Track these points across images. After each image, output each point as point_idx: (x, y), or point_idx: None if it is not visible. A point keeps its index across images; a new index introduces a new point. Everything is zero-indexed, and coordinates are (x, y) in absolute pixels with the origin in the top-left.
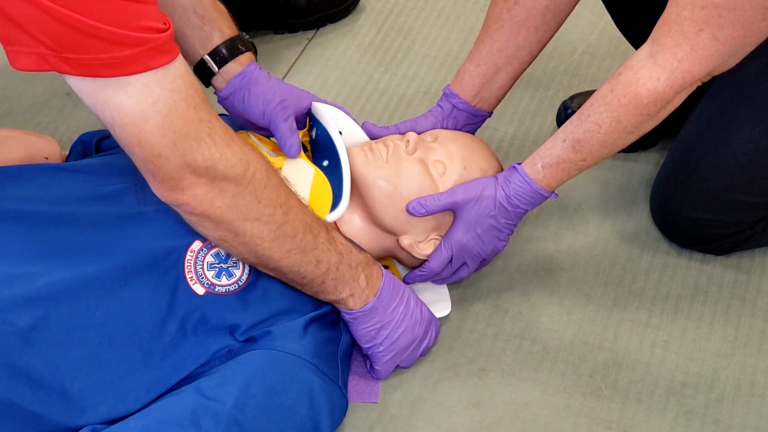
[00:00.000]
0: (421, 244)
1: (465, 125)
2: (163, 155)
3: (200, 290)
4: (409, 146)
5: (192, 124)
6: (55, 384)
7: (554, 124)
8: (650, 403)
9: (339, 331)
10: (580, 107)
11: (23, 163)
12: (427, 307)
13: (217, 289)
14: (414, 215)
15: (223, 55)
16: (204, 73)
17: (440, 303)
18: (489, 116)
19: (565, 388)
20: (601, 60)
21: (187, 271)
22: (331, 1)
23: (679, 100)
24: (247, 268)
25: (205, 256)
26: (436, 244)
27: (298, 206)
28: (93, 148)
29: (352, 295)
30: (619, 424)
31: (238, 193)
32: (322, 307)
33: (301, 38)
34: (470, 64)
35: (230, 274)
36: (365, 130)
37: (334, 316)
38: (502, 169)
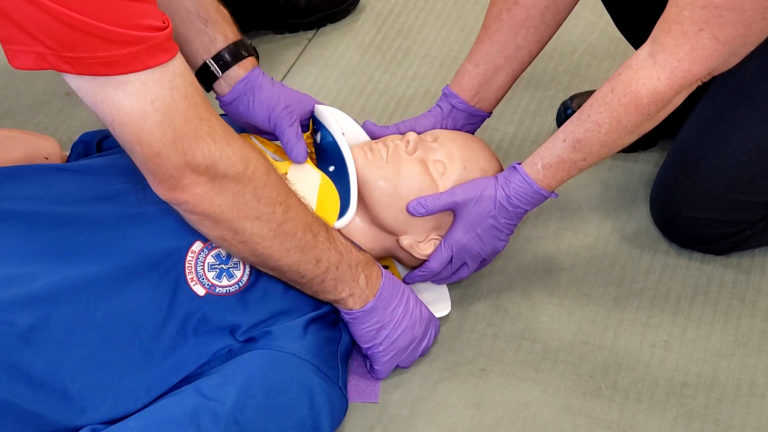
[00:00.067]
0: (421, 244)
1: (464, 125)
2: (162, 154)
3: (201, 291)
4: (409, 146)
5: (191, 123)
6: (55, 384)
7: (554, 124)
8: (650, 403)
9: (339, 331)
10: (580, 107)
11: (23, 163)
12: (426, 307)
13: (217, 290)
14: (414, 215)
15: (227, 59)
16: (206, 78)
17: (440, 303)
18: (488, 116)
19: (565, 388)
20: (601, 60)
21: (187, 271)
22: (331, 1)
23: (680, 100)
24: (248, 269)
25: (206, 257)
26: (436, 244)
27: (298, 205)
28: (94, 147)
29: (352, 294)
30: (619, 424)
31: (238, 192)
32: (322, 307)
33: (301, 38)
34: (469, 64)
35: (231, 275)
36: (365, 129)
37: (334, 316)
38: (502, 169)
